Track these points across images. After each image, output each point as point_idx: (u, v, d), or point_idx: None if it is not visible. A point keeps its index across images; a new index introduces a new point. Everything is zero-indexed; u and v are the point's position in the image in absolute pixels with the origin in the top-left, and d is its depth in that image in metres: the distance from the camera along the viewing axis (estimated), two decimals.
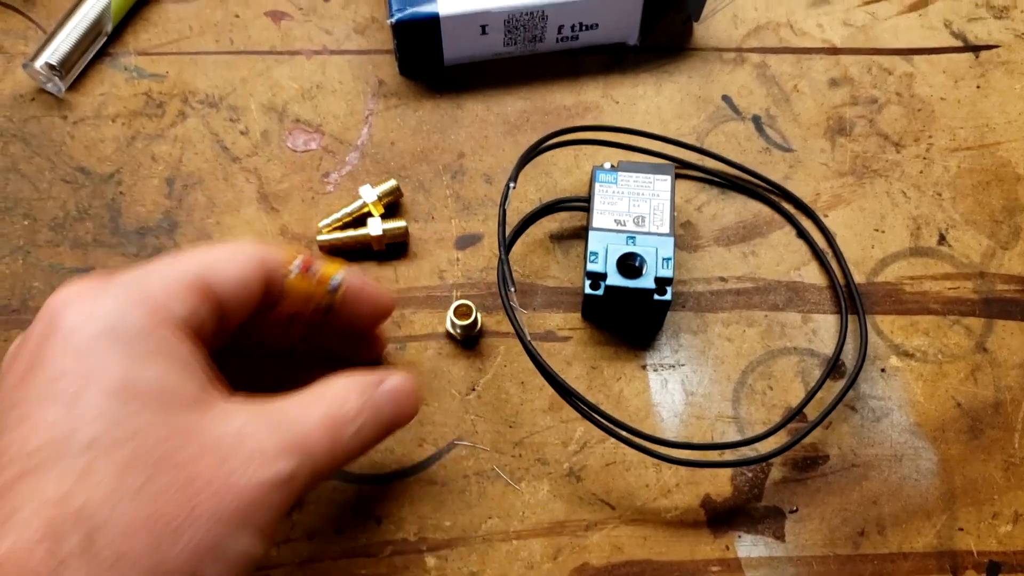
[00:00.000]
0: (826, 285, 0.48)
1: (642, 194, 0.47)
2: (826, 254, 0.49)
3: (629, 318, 0.47)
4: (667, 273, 0.44)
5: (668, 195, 0.46)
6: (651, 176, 0.47)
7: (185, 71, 0.53)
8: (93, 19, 0.52)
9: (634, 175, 0.47)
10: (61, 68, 0.51)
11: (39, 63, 0.51)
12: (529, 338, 0.42)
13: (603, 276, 0.44)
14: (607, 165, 0.48)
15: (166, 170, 0.50)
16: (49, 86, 0.51)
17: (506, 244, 0.44)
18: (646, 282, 0.44)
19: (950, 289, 0.48)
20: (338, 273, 0.38)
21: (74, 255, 0.48)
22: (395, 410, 0.36)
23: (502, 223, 0.44)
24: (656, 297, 0.44)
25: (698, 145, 0.51)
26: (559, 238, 0.49)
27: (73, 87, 0.52)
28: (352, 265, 0.48)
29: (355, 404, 0.34)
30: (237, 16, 0.54)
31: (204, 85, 0.52)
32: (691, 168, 0.51)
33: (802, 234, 0.49)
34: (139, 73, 0.53)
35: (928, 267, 0.49)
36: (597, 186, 0.47)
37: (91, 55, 0.53)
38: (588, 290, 0.44)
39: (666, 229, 0.45)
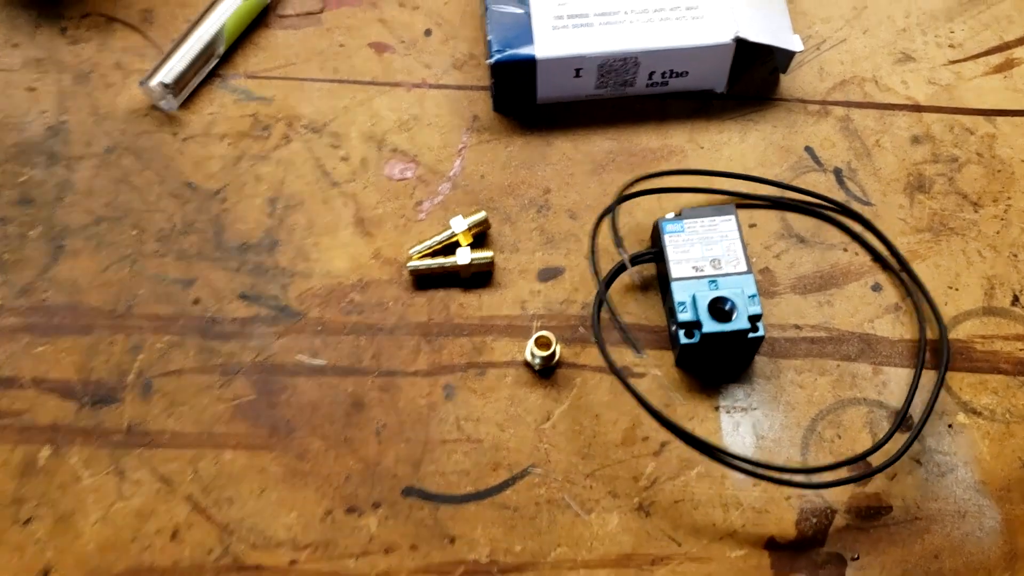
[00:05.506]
0: (898, 339, 0.49)
1: (711, 237, 0.48)
2: (900, 307, 0.50)
3: (722, 360, 0.48)
4: (757, 310, 0.45)
5: (736, 234, 0.48)
6: (716, 218, 0.48)
7: (291, 96, 0.55)
8: (207, 42, 0.55)
9: (699, 220, 0.48)
10: (175, 87, 0.54)
11: (154, 81, 0.54)
12: (624, 375, 0.44)
13: (697, 324, 0.45)
14: (669, 215, 0.49)
15: (269, 190, 0.53)
16: (162, 103, 0.54)
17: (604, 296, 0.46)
18: (740, 323, 0.45)
19: (1021, 350, 0.49)
20: None
21: (178, 266, 0.51)
22: None
23: (608, 282, 0.45)
24: (750, 335, 0.45)
25: (786, 182, 0.53)
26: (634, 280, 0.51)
27: (184, 105, 0.55)
28: (440, 291, 0.50)
29: None
30: (342, 46, 0.57)
31: (308, 111, 0.55)
32: (782, 205, 0.52)
33: (888, 267, 0.51)
34: (247, 95, 0.55)
35: (1000, 327, 0.50)
36: (667, 237, 0.48)
37: (203, 76, 0.56)
38: (684, 340, 0.46)
39: (744, 267, 0.47)
